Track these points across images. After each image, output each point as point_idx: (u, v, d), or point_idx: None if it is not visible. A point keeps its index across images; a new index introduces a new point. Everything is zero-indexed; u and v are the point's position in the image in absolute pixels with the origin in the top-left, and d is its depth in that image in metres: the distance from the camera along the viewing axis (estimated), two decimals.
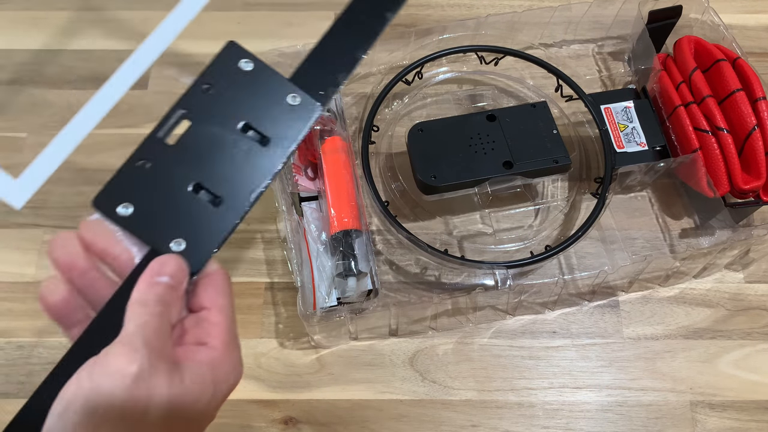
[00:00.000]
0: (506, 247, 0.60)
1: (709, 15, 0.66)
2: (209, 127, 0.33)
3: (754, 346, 0.58)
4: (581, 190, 0.63)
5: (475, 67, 0.69)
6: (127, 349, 0.28)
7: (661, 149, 0.62)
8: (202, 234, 0.32)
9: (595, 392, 0.56)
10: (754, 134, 0.57)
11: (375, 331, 0.58)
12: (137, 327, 0.29)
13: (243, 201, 0.32)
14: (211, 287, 0.32)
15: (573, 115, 0.66)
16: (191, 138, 0.32)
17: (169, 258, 0.31)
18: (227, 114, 0.33)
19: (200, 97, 0.33)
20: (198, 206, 0.32)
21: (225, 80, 0.33)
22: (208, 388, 0.30)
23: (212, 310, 0.32)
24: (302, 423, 0.55)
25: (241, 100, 0.33)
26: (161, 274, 0.31)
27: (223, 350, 0.31)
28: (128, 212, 0.31)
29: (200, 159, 0.32)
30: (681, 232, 0.63)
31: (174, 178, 0.32)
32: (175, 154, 0.32)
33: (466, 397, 0.56)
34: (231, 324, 0.32)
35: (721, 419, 0.55)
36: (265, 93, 0.34)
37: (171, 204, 0.31)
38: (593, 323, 0.59)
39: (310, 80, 0.35)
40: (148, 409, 0.28)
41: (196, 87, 0.33)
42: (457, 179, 0.57)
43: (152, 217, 0.31)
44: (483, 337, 0.58)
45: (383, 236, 0.61)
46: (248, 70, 0.34)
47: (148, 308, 0.30)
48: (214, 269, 0.33)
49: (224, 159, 0.32)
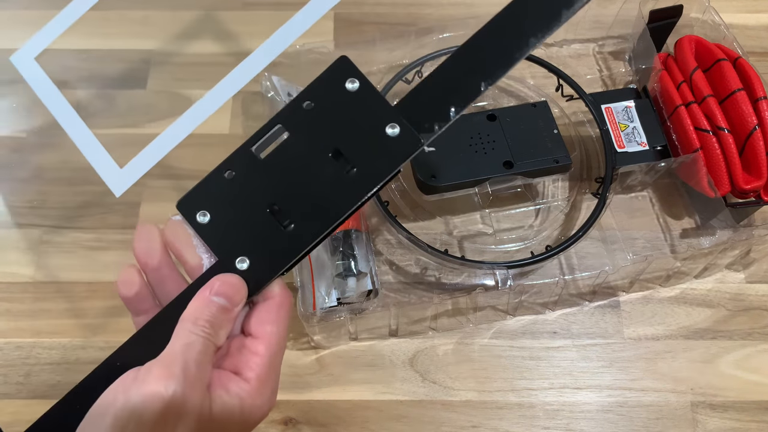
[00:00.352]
0: (506, 247, 0.60)
1: (710, 14, 0.66)
2: (302, 147, 0.31)
3: (755, 346, 0.58)
4: (582, 190, 0.63)
5: None
6: (166, 374, 0.28)
7: (661, 149, 0.62)
8: (267, 256, 0.30)
9: (595, 393, 0.56)
10: (755, 134, 0.57)
11: (375, 332, 0.58)
12: (181, 347, 0.29)
13: (313, 232, 0.30)
14: (264, 313, 0.32)
15: (573, 115, 0.66)
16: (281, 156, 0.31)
17: (229, 278, 0.31)
18: (322, 136, 0.31)
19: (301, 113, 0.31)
20: (269, 227, 0.30)
21: (328, 99, 0.31)
22: (233, 421, 0.30)
23: (257, 339, 0.31)
24: (302, 423, 0.55)
25: (339, 122, 0.31)
26: (218, 293, 0.31)
27: (257, 385, 0.30)
28: (205, 220, 0.31)
29: (283, 178, 0.31)
30: (682, 232, 0.63)
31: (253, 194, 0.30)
32: (261, 169, 0.31)
33: (467, 397, 0.56)
34: (273, 356, 0.31)
35: (722, 420, 0.55)
36: (364, 118, 0.31)
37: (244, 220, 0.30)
38: (594, 323, 0.59)
39: (418, 110, 0.31)
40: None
41: (298, 102, 0.31)
42: (457, 179, 0.57)
43: (225, 230, 0.31)
44: (483, 338, 0.58)
45: (383, 236, 0.61)
46: (353, 90, 0.31)
47: (197, 328, 0.30)
48: (275, 293, 0.32)
49: (306, 183, 0.30)
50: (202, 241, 0.31)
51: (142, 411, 0.27)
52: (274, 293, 0.32)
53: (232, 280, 0.31)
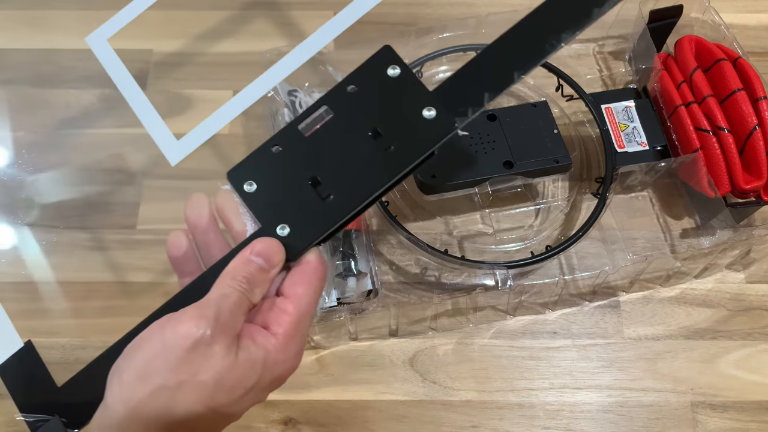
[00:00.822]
0: (507, 247, 0.60)
1: (710, 14, 0.66)
2: (344, 126, 0.33)
3: (755, 346, 0.58)
4: (582, 190, 0.63)
5: None
6: (197, 314, 0.31)
7: (661, 149, 0.61)
8: (306, 225, 0.33)
9: (595, 393, 0.56)
10: (755, 134, 0.57)
11: (375, 332, 0.58)
12: (217, 296, 0.32)
13: (350, 203, 0.33)
14: (297, 276, 0.34)
15: (573, 115, 0.66)
16: (324, 134, 0.33)
17: (270, 241, 0.33)
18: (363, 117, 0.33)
19: (344, 96, 0.33)
20: (309, 198, 0.33)
21: (370, 83, 0.33)
22: (256, 370, 0.32)
23: (287, 299, 0.33)
24: (302, 423, 0.55)
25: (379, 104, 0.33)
26: (258, 254, 0.33)
27: (283, 341, 0.32)
28: (252, 189, 0.33)
29: (325, 155, 0.33)
30: (682, 232, 0.63)
31: (297, 168, 0.33)
32: (306, 145, 0.33)
33: (467, 397, 0.56)
34: (301, 317, 0.33)
35: (722, 420, 0.55)
36: (403, 101, 0.33)
37: (287, 190, 0.33)
38: (594, 323, 0.59)
39: (453, 95, 0.33)
40: (198, 373, 0.30)
41: (342, 86, 0.33)
42: (457, 179, 0.57)
43: (269, 199, 0.33)
44: (483, 338, 0.58)
45: (383, 236, 0.61)
46: (394, 76, 0.33)
47: (235, 281, 0.32)
48: (310, 260, 0.34)
49: (346, 159, 0.33)
50: (247, 208, 0.34)
51: (173, 346, 0.30)
52: (309, 260, 0.34)
53: (271, 243, 0.33)
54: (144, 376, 0.30)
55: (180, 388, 0.30)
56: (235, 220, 0.35)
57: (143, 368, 0.30)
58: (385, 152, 0.33)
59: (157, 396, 0.30)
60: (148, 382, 0.30)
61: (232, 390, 0.31)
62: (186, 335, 0.30)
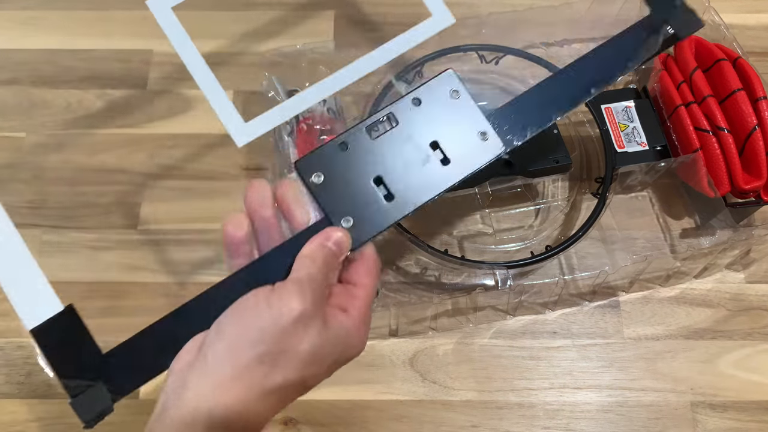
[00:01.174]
0: (506, 247, 0.60)
1: (710, 14, 0.66)
2: (407, 135, 0.37)
3: (754, 346, 0.58)
4: (582, 190, 0.63)
5: (476, 66, 0.68)
6: (299, 290, 0.33)
7: (661, 149, 0.62)
8: (368, 219, 0.36)
9: (595, 392, 0.56)
10: (754, 134, 0.57)
11: (375, 332, 0.58)
12: (307, 276, 0.34)
13: (409, 204, 0.37)
14: (363, 266, 0.37)
15: (573, 115, 0.66)
16: (389, 139, 0.37)
17: (339, 230, 0.36)
18: (425, 129, 0.37)
19: (409, 107, 0.37)
20: (373, 196, 0.36)
21: (433, 100, 0.38)
22: (339, 347, 0.35)
23: (358, 286, 0.37)
24: (302, 423, 0.55)
25: (440, 120, 0.38)
26: (331, 240, 0.36)
27: (359, 321, 0.36)
28: (319, 181, 0.36)
29: (390, 158, 0.37)
30: (682, 232, 0.63)
31: (363, 166, 0.36)
32: (372, 147, 0.37)
33: (467, 397, 0.56)
34: (369, 302, 0.37)
35: (721, 419, 0.55)
36: (461, 121, 0.38)
37: (353, 186, 0.36)
38: (594, 323, 0.59)
39: (503, 122, 0.39)
40: (300, 344, 0.33)
41: (408, 98, 0.38)
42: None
43: (335, 192, 0.36)
44: (483, 338, 0.58)
45: (383, 236, 0.61)
46: (455, 98, 0.38)
47: (316, 264, 0.35)
48: (369, 252, 0.38)
49: (408, 165, 0.37)
50: (312, 198, 0.36)
51: (279, 317, 0.32)
52: (368, 252, 0.38)
53: (340, 232, 0.36)
54: (253, 342, 0.32)
55: (283, 356, 0.32)
56: (298, 209, 0.37)
57: (252, 333, 0.32)
58: (443, 162, 0.37)
59: (263, 361, 0.32)
60: (256, 348, 0.32)
61: (321, 362, 0.34)
62: (292, 308, 0.32)
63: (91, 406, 0.30)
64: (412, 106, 0.38)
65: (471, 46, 0.65)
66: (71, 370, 0.31)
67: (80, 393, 0.30)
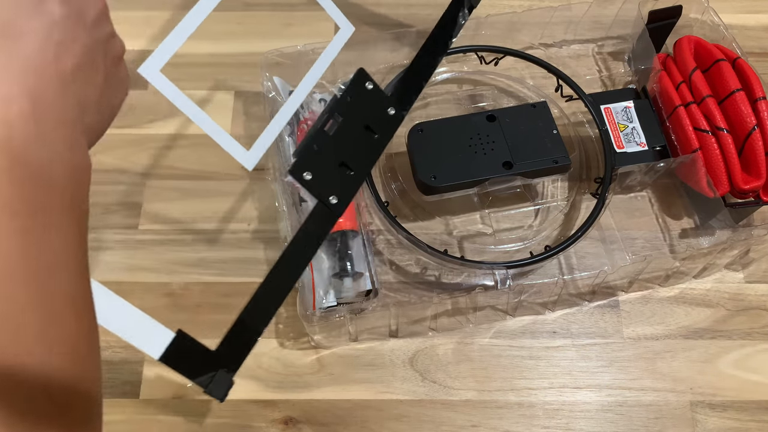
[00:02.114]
0: (506, 248, 0.60)
1: (709, 15, 0.66)
2: (351, 124, 0.45)
3: (754, 346, 0.58)
4: (581, 190, 0.63)
5: (475, 67, 0.69)
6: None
7: (661, 149, 0.62)
8: (344, 192, 0.44)
9: (595, 392, 0.56)
10: (754, 134, 0.57)
11: (375, 332, 0.58)
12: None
13: (363, 171, 0.46)
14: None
15: (573, 115, 0.66)
16: (341, 131, 0.45)
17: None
18: (359, 117, 0.46)
19: (346, 104, 0.45)
20: (342, 175, 0.44)
21: (357, 94, 0.46)
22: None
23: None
24: (302, 423, 0.55)
25: (365, 108, 0.46)
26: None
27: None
28: (309, 177, 0.43)
29: (345, 145, 0.45)
30: (681, 232, 0.63)
31: (331, 156, 0.44)
32: (332, 140, 0.44)
33: (466, 397, 0.56)
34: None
35: (721, 419, 0.55)
36: (375, 105, 0.46)
37: (329, 173, 0.44)
38: (593, 323, 0.59)
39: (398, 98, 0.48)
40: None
41: (343, 97, 0.45)
42: (457, 179, 0.57)
43: (320, 181, 0.43)
44: (483, 338, 0.58)
45: (383, 236, 0.61)
46: (370, 89, 0.46)
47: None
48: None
49: (357, 145, 0.45)
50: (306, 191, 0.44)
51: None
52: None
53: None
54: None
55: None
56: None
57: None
58: (375, 137, 0.46)
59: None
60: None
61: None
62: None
63: (219, 388, 0.37)
64: (347, 103, 0.45)
65: (470, 47, 0.66)
66: (197, 372, 0.37)
67: (209, 383, 0.37)
